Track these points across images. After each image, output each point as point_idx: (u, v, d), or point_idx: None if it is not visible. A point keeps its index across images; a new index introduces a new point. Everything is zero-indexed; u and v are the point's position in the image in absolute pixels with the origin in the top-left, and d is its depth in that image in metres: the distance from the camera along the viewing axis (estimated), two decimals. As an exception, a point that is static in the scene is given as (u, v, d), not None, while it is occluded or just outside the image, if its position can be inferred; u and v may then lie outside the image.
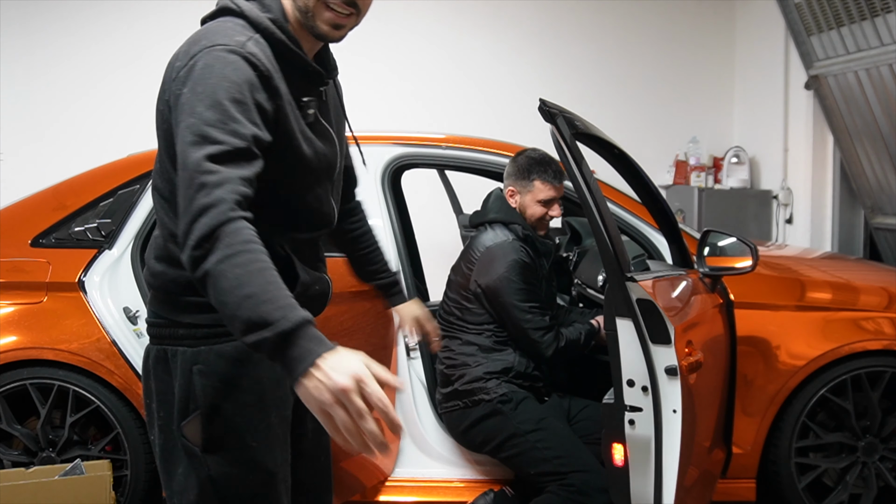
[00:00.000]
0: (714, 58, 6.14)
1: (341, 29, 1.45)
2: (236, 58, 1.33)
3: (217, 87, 1.29)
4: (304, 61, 1.44)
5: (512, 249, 2.67)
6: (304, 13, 1.43)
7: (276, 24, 1.41)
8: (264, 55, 1.37)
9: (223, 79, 1.30)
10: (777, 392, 2.70)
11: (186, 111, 1.29)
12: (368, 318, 2.65)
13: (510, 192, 2.78)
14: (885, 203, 4.90)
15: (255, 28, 1.40)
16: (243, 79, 1.32)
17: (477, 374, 2.66)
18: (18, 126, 5.47)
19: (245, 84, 1.32)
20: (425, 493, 2.76)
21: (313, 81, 1.49)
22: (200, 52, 1.33)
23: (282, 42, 1.41)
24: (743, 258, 2.52)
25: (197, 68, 1.31)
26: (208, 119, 1.27)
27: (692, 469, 2.22)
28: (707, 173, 5.90)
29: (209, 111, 1.27)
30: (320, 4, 1.42)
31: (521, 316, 2.64)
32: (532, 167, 2.74)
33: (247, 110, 1.31)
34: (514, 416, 2.60)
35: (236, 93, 1.30)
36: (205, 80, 1.30)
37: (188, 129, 1.27)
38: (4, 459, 2.67)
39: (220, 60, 1.32)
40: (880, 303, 2.83)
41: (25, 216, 2.88)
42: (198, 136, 1.26)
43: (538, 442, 2.54)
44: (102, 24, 5.60)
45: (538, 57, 5.99)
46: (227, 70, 1.31)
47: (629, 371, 2.03)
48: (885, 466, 2.77)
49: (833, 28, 4.78)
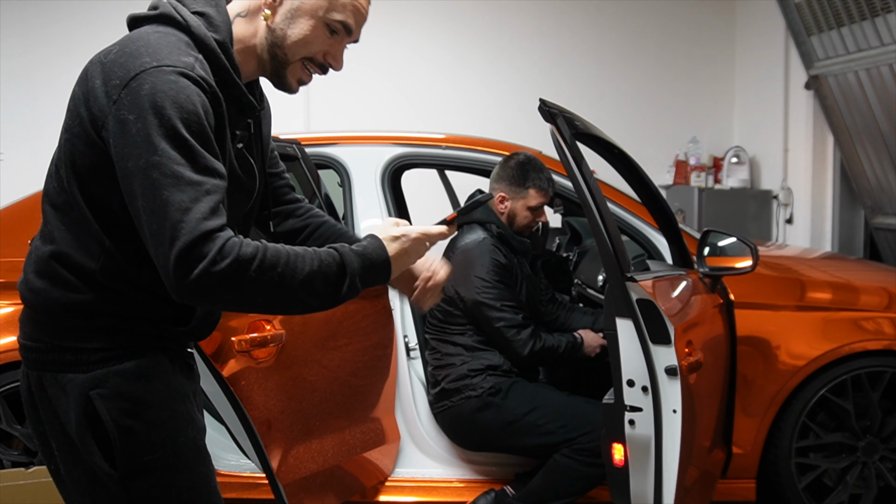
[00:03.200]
0: (714, 58, 6.14)
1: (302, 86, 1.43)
2: (188, 83, 1.22)
3: (175, 118, 1.19)
4: (241, 91, 1.36)
5: (485, 249, 2.69)
6: (280, 63, 1.37)
7: (223, 47, 1.32)
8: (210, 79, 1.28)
9: (179, 108, 1.19)
10: (777, 392, 2.70)
11: (143, 145, 1.18)
12: (368, 319, 2.66)
13: (501, 198, 2.77)
14: (885, 203, 4.90)
15: (198, 47, 1.29)
16: (200, 106, 1.22)
17: (462, 371, 2.67)
18: (18, 126, 5.47)
19: (202, 113, 1.23)
20: (425, 493, 2.76)
21: (246, 113, 1.41)
22: (144, 73, 1.20)
23: (225, 69, 1.32)
24: (743, 258, 2.52)
25: (144, 92, 1.19)
26: (175, 158, 1.18)
27: (692, 469, 2.22)
28: (707, 173, 5.90)
29: (174, 149, 1.18)
30: (299, 64, 1.38)
31: (493, 314, 2.64)
32: (528, 174, 2.74)
33: (208, 143, 1.23)
34: (507, 404, 2.61)
35: (195, 124, 1.21)
36: (159, 110, 1.18)
37: (154, 167, 1.17)
38: (4, 459, 2.67)
39: (172, 86, 1.20)
40: (880, 303, 2.83)
41: (25, 216, 2.88)
42: (171, 178, 1.17)
43: (538, 419, 2.56)
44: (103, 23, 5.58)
45: (538, 57, 5.98)
46: (181, 98, 1.20)
47: (629, 371, 2.03)
48: (885, 466, 2.77)
49: (833, 28, 4.78)
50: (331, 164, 2.93)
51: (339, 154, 2.92)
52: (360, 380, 2.62)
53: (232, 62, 1.34)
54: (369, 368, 2.65)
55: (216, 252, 1.18)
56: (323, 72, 1.41)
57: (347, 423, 2.57)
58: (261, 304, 1.27)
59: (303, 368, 2.38)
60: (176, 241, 1.16)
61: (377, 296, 2.70)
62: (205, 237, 1.17)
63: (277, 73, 1.39)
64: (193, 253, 1.17)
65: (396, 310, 2.76)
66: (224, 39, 1.33)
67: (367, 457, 2.64)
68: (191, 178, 1.19)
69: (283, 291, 1.25)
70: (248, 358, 2.16)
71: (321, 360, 2.45)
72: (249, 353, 2.16)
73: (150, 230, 1.19)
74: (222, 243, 1.19)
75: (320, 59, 1.39)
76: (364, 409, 2.65)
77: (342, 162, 2.91)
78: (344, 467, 2.56)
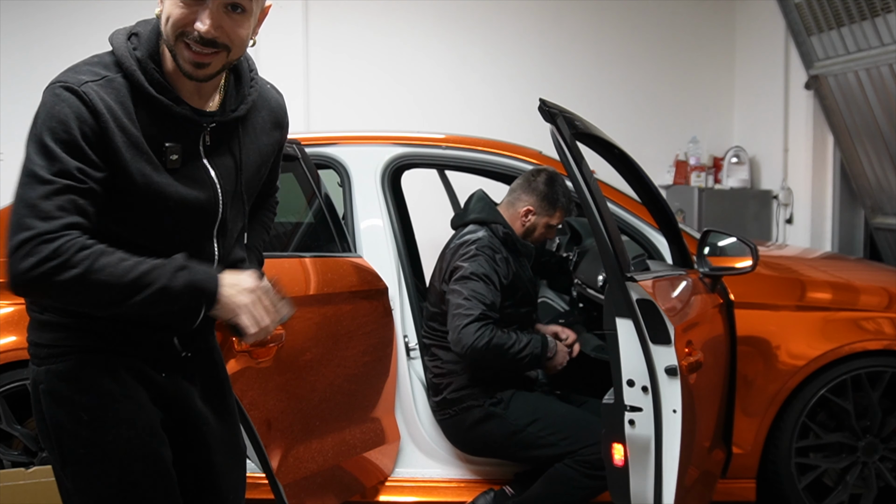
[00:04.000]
0: (714, 58, 6.14)
1: (205, 68, 1.38)
2: (69, 95, 1.33)
3: (44, 126, 1.31)
4: (165, 106, 1.39)
5: (482, 245, 2.65)
6: (172, 53, 1.38)
7: (141, 64, 1.39)
8: (110, 94, 1.35)
9: (51, 117, 1.31)
10: (777, 392, 2.70)
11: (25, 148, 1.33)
12: (368, 319, 2.66)
13: (526, 211, 2.75)
14: (885, 203, 4.90)
15: (118, 67, 1.39)
16: (71, 115, 1.31)
17: (463, 381, 2.65)
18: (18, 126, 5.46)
19: (73, 120, 1.31)
20: (425, 493, 2.76)
21: (184, 125, 1.42)
22: (45, 90, 1.35)
23: (141, 85, 1.37)
24: (743, 258, 2.52)
25: (39, 105, 1.35)
26: (34, 160, 1.30)
27: (692, 469, 2.22)
28: (707, 173, 5.89)
29: (36, 154, 1.30)
30: (180, 44, 1.37)
31: (456, 300, 2.55)
32: (558, 195, 2.74)
33: (73, 147, 1.31)
34: (509, 415, 2.60)
35: (61, 132, 1.30)
36: (36, 121, 1.33)
37: (22, 168, 1.31)
38: (4, 459, 2.67)
39: (54, 98, 1.33)
40: (880, 303, 2.83)
41: (25, 216, 2.88)
42: (27, 177, 1.29)
43: (540, 431, 2.56)
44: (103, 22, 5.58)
45: (538, 57, 5.98)
46: (56, 108, 1.32)
47: (629, 371, 2.03)
48: (885, 466, 2.77)
49: (833, 28, 4.77)
50: (331, 164, 2.93)
51: (339, 154, 2.92)
52: (360, 380, 2.62)
53: (150, 77, 1.39)
54: (369, 368, 2.65)
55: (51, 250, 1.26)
56: (202, 43, 1.35)
57: (347, 423, 2.57)
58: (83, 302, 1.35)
59: (303, 368, 2.38)
60: (18, 233, 1.27)
61: (377, 296, 2.70)
62: (42, 234, 1.26)
63: (178, 65, 1.38)
64: (26, 247, 1.26)
65: (396, 310, 2.75)
66: (144, 57, 1.39)
67: (367, 457, 2.64)
68: (43, 178, 1.28)
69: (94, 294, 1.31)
70: (248, 358, 2.16)
71: (321, 360, 2.45)
72: (249, 353, 2.16)
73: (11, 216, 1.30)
74: (59, 242, 1.26)
75: (191, 31, 1.35)
76: (364, 409, 2.65)
77: (342, 162, 2.91)
78: (344, 467, 2.56)
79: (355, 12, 5.67)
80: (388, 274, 2.76)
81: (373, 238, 2.82)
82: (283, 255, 2.76)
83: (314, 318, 2.43)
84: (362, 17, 5.72)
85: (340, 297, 2.57)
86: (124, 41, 1.41)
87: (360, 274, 2.67)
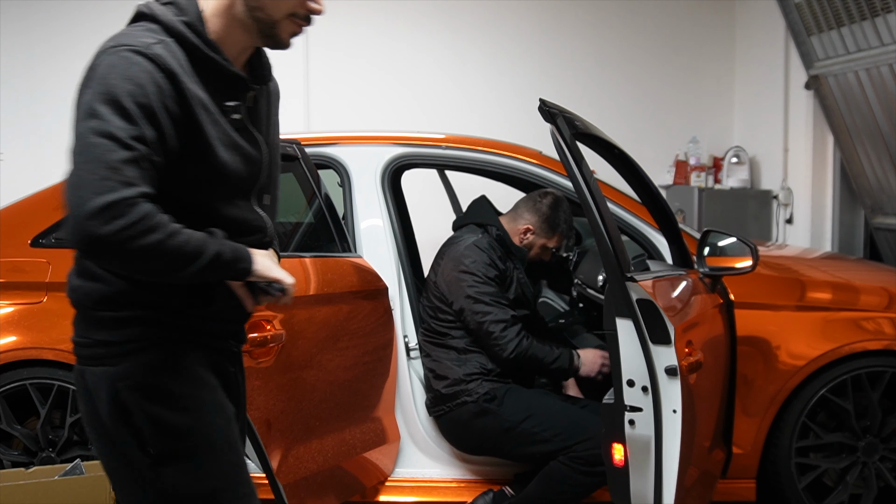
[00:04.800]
0: (714, 58, 6.14)
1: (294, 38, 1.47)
2: (140, 58, 1.30)
3: (119, 88, 1.27)
4: (220, 66, 1.41)
5: (481, 247, 2.70)
6: (268, 24, 1.42)
7: (191, 27, 1.39)
8: (173, 57, 1.34)
9: (126, 80, 1.28)
10: (777, 392, 2.70)
11: (88, 112, 1.27)
12: (368, 319, 2.66)
13: (526, 229, 2.83)
14: (885, 203, 4.90)
15: (167, 32, 1.37)
16: (148, 80, 1.29)
17: (457, 376, 2.66)
18: (18, 126, 5.47)
19: (150, 85, 1.29)
20: (425, 493, 2.76)
21: (237, 86, 1.45)
22: (103, 54, 1.31)
23: (196, 46, 1.38)
24: (743, 258, 2.52)
25: (99, 69, 1.30)
26: (113, 121, 1.26)
27: (692, 469, 2.22)
28: (707, 173, 5.89)
29: (113, 114, 1.26)
30: (289, 20, 1.42)
31: (480, 308, 2.61)
32: (560, 220, 2.83)
33: (151, 114, 1.29)
34: (503, 411, 2.60)
35: (140, 95, 1.28)
36: (107, 81, 1.28)
37: (91, 130, 1.25)
38: (4, 459, 2.67)
39: (124, 61, 1.29)
40: (880, 303, 2.83)
41: (25, 216, 2.88)
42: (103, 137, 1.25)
43: (534, 427, 2.56)
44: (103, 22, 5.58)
45: (538, 57, 5.98)
46: (132, 70, 1.29)
47: (629, 371, 2.03)
48: (885, 466, 2.77)
49: (833, 28, 4.77)
50: (331, 164, 2.93)
51: (339, 154, 2.92)
52: (361, 380, 2.62)
53: (204, 39, 1.39)
54: (369, 368, 2.65)
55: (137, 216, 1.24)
56: (308, 22, 1.44)
57: (347, 423, 2.57)
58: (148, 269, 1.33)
59: (303, 368, 2.38)
60: (101, 195, 1.22)
61: (377, 296, 2.70)
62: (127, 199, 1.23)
63: (267, 33, 1.43)
64: (112, 211, 1.22)
65: (396, 310, 2.76)
66: (192, 20, 1.39)
67: (367, 457, 2.64)
68: (124, 142, 1.25)
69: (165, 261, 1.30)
70: (249, 358, 2.16)
71: (321, 360, 2.45)
72: (250, 353, 2.16)
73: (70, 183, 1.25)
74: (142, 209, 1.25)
75: (303, 12, 1.43)
76: (364, 409, 2.65)
77: (342, 162, 2.91)
78: (344, 467, 2.56)
79: (355, 12, 5.66)
80: (388, 274, 2.76)
81: (373, 238, 2.82)
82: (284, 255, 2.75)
83: (314, 318, 2.43)
84: (362, 17, 5.72)
85: (340, 297, 2.57)
86: (164, 9, 1.40)
87: (360, 274, 2.67)
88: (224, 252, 1.35)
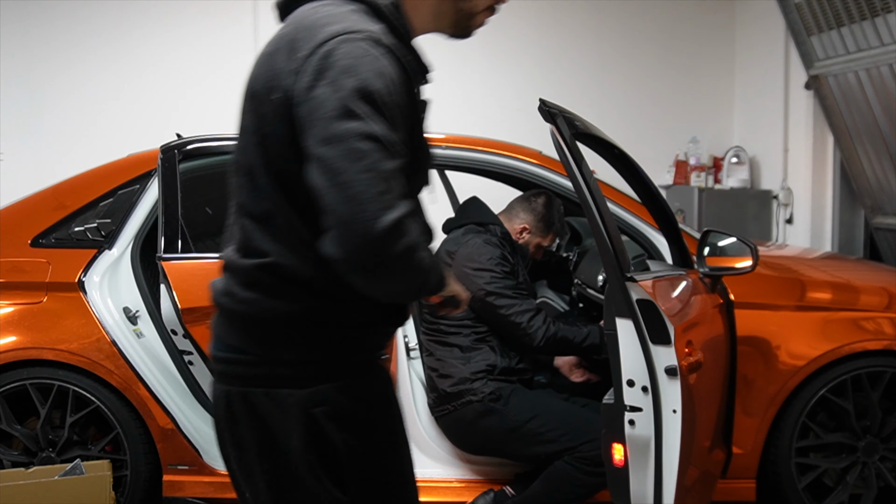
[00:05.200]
0: (714, 58, 6.14)
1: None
2: (382, 50, 1.15)
3: (373, 84, 1.11)
4: (419, 57, 1.27)
5: (490, 244, 2.72)
6: (468, 15, 1.33)
7: (399, 11, 1.24)
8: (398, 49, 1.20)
9: (377, 76, 1.12)
10: (777, 392, 2.70)
11: (345, 110, 1.09)
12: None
13: (522, 228, 2.87)
14: (885, 203, 4.90)
15: (378, 16, 1.21)
16: (396, 76, 1.16)
17: (463, 375, 2.65)
18: (18, 126, 5.47)
19: (398, 83, 1.16)
20: (425, 493, 2.74)
21: (424, 79, 1.31)
22: (333, 40, 1.13)
23: (403, 35, 1.23)
24: (743, 258, 2.52)
25: (336, 59, 1.11)
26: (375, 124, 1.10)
27: (692, 469, 2.22)
28: (707, 173, 5.90)
29: (374, 115, 1.10)
30: (486, 13, 1.36)
31: (503, 302, 2.62)
32: (554, 219, 2.89)
33: (400, 114, 1.16)
34: (508, 411, 2.60)
35: (394, 94, 1.14)
36: (354, 75, 1.10)
37: (355, 133, 1.08)
38: (4, 459, 2.67)
39: (365, 53, 1.12)
40: (880, 303, 2.83)
41: (25, 216, 2.88)
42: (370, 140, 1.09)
43: (539, 427, 2.56)
44: (103, 22, 5.60)
45: (538, 57, 5.98)
46: (379, 64, 1.13)
47: (629, 371, 2.03)
48: (885, 466, 2.77)
49: (833, 28, 4.78)
50: (331, 164, 2.92)
51: (339, 154, 2.92)
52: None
53: (405, 26, 1.25)
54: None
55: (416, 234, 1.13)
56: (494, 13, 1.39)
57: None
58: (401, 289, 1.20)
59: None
60: (389, 210, 1.08)
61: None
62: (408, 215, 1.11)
63: (463, 24, 1.35)
64: (401, 228, 1.09)
65: (396, 310, 2.75)
66: (398, 3, 1.25)
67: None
68: (391, 148, 1.11)
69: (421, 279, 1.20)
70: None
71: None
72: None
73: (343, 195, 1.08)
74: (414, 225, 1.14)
75: (498, 5, 1.38)
76: (364, 409, 2.65)
77: (342, 162, 2.90)
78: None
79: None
80: (388, 274, 2.76)
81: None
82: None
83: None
84: (362, 17, 5.72)
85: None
86: None
87: (360, 274, 2.67)
88: (437, 266, 1.24)
